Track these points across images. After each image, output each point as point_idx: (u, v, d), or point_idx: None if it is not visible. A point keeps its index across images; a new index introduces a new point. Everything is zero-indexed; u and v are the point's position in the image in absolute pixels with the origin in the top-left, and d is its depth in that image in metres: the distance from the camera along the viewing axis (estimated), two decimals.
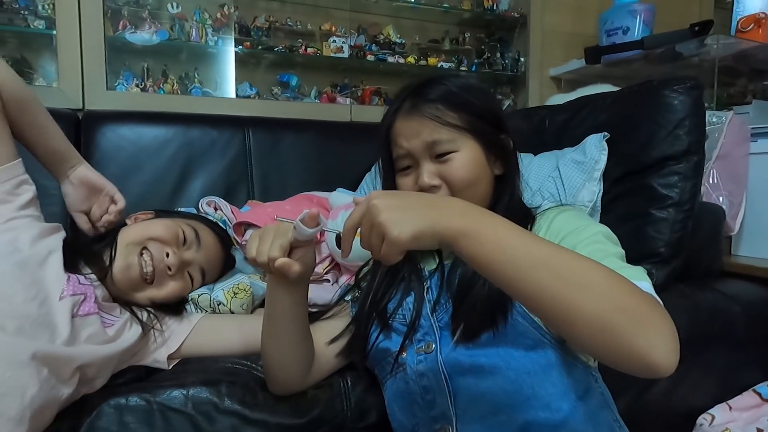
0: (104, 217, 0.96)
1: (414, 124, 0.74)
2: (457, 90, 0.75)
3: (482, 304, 0.67)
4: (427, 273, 0.79)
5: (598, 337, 0.47)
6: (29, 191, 0.85)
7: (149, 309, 0.86)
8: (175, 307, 0.91)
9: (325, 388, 0.80)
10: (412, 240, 0.50)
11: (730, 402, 1.23)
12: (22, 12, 1.55)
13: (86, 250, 0.87)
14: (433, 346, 0.70)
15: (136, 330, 0.81)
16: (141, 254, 0.86)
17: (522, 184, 0.80)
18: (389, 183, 0.80)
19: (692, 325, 1.13)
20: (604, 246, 0.66)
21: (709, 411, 1.21)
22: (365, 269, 0.87)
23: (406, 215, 0.51)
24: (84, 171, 0.95)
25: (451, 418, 0.66)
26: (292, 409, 0.76)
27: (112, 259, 0.85)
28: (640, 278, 0.58)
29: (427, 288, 0.76)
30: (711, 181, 1.39)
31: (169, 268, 0.87)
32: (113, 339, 0.78)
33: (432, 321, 0.72)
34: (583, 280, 0.48)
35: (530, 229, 0.72)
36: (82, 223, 0.96)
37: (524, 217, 0.75)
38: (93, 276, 0.82)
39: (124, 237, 0.89)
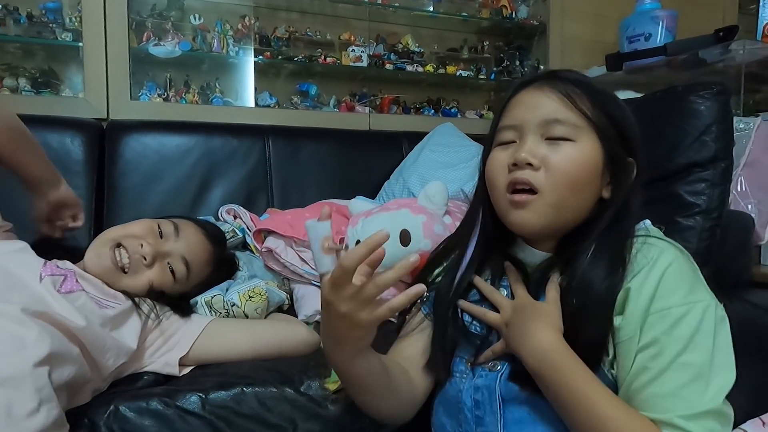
0: (61, 223, 1.02)
1: (541, 95, 0.64)
2: (599, 89, 0.67)
3: None
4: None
5: None
6: (5, 227, 0.91)
7: (151, 301, 0.87)
8: (178, 304, 0.92)
9: (346, 394, 0.78)
10: None
11: (763, 417, 1.18)
12: (51, 25, 1.60)
13: (61, 246, 0.92)
14: (499, 367, 0.67)
15: (136, 321, 0.83)
16: (117, 248, 0.89)
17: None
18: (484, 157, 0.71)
19: None
20: (703, 356, 0.60)
21: (741, 426, 1.16)
22: (437, 270, 0.78)
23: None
24: (64, 191, 1.00)
25: None
26: (312, 415, 0.76)
27: (83, 251, 0.89)
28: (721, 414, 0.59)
29: None
30: (739, 189, 1.36)
31: (144, 258, 0.89)
32: (113, 319, 0.79)
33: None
34: None
35: (622, 274, 0.62)
36: (45, 229, 1.01)
37: (615, 265, 0.62)
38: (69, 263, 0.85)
39: (101, 236, 0.92)
